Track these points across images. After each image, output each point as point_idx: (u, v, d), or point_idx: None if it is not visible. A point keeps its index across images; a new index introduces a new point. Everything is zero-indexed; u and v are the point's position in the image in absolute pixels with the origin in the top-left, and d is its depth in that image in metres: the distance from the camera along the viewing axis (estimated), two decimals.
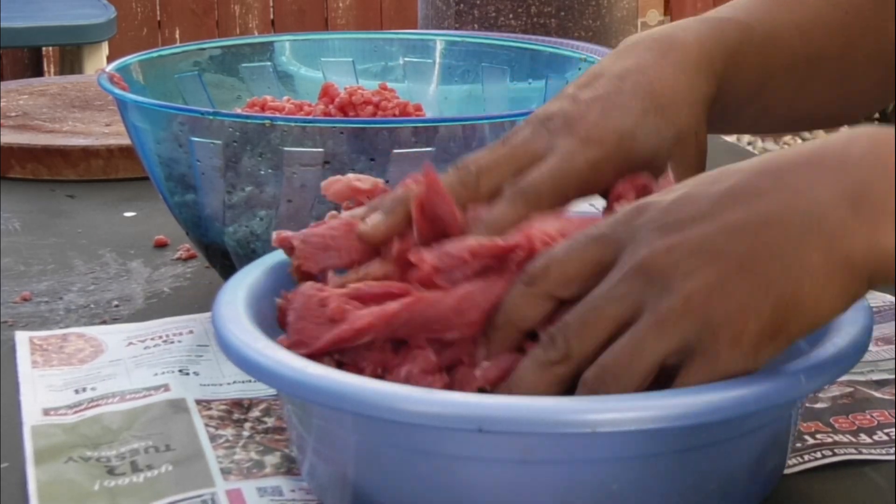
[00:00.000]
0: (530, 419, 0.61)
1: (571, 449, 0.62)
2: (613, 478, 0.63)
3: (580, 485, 0.63)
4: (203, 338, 0.90)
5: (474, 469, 0.63)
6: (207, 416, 0.79)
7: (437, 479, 0.64)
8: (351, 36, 1.19)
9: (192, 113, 0.92)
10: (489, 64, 1.13)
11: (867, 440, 0.76)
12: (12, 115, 1.43)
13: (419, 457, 0.64)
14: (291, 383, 0.65)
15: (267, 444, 0.76)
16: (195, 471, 0.73)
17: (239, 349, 0.67)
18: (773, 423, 0.67)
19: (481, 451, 0.63)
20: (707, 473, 0.65)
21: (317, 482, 0.69)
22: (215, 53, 1.11)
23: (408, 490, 0.65)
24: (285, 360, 0.65)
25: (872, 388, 0.83)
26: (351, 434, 0.65)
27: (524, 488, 0.63)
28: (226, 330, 0.69)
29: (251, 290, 0.74)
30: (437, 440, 0.63)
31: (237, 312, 0.70)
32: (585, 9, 1.72)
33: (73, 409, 0.80)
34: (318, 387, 0.63)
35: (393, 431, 0.64)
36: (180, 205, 0.96)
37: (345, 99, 1.02)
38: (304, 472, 0.71)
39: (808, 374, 0.64)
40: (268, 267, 0.77)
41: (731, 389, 0.62)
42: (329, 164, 0.88)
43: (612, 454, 0.63)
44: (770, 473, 0.69)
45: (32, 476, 0.72)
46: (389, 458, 0.65)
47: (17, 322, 0.95)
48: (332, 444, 0.67)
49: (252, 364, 0.66)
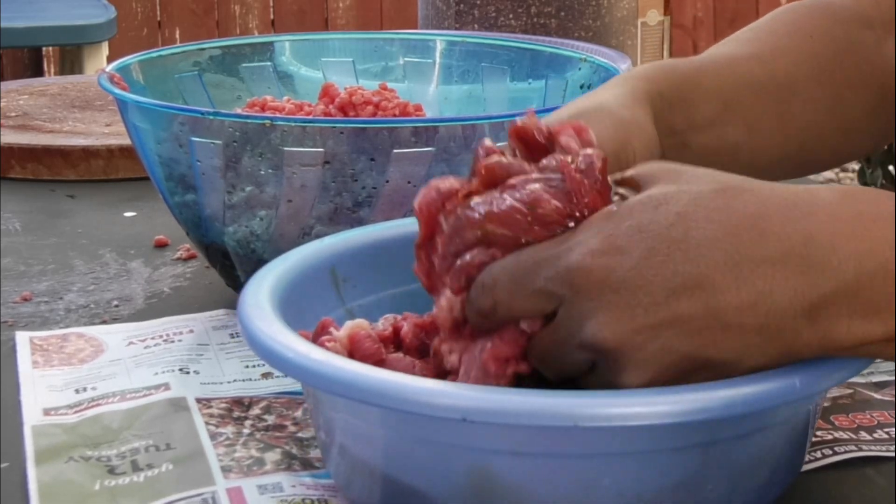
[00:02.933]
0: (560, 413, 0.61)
1: (597, 442, 0.63)
2: (636, 471, 0.64)
3: (605, 478, 0.63)
4: (203, 337, 0.90)
5: (506, 462, 0.64)
6: (208, 415, 0.79)
7: (467, 472, 0.64)
8: (351, 36, 1.19)
9: (193, 113, 0.92)
10: (489, 64, 1.13)
11: (867, 437, 0.76)
12: (12, 115, 1.43)
13: (449, 450, 0.64)
14: (322, 378, 0.64)
15: (267, 441, 0.76)
16: (196, 469, 0.73)
17: (265, 343, 0.67)
18: (790, 419, 0.68)
19: (513, 445, 0.63)
20: (720, 469, 0.65)
21: (343, 477, 0.69)
22: (215, 53, 1.11)
23: (438, 484, 0.65)
24: (313, 354, 0.65)
25: (872, 389, 0.83)
26: (379, 428, 0.66)
27: (555, 483, 0.63)
28: (252, 324, 0.68)
29: (276, 285, 0.74)
30: (468, 434, 0.63)
31: (262, 307, 0.70)
32: (585, 9, 1.72)
33: (74, 408, 0.80)
34: (347, 381, 0.63)
35: (422, 425, 0.64)
36: (180, 205, 0.96)
37: (345, 99, 1.02)
38: (331, 467, 0.70)
39: (826, 369, 0.64)
40: (293, 262, 0.76)
41: (746, 385, 0.62)
42: (329, 163, 0.88)
43: (635, 448, 0.63)
44: (787, 470, 0.69)
45: (33, 476, 0.72)
46: (420, 452, 0.65)
47: (18, 322, 0.95)
48: (360, 437, 0.67)
49: (280, 358, 0.66)
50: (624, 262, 0.61)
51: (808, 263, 0.62)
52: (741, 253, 0.62)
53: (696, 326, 0.61)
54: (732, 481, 0.65)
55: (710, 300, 0.61)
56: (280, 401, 0.81)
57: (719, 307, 0.61)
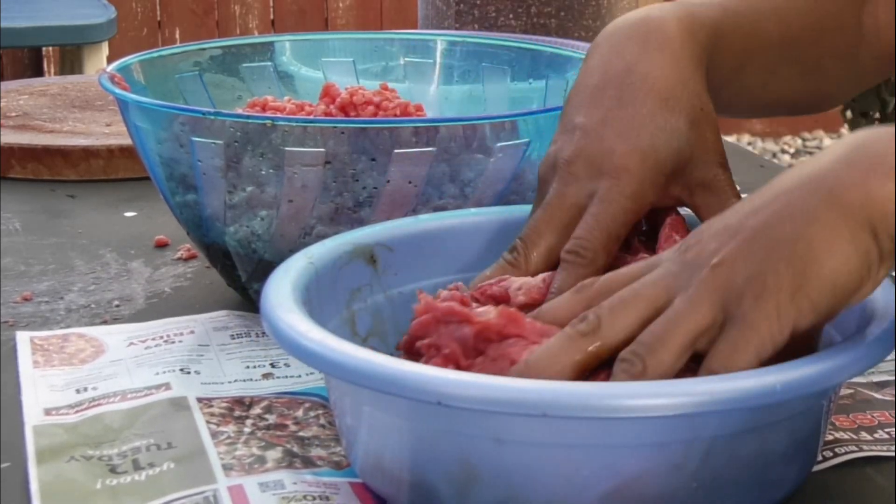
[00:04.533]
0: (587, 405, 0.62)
1: (619, 433, 0.63)
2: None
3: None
4: (204, 337, 0.90)
5: (534, 454, 0.64)
6: (209, 414, 0.79)
7: (495, 464, 0.64)
8: (351, 36, 1.19)
9: (193, 113, 0.92)
10: (490, 64, 1.13)
11: (868, 437, 0.76)
12: (12, 115, 1.43)
13: (478, 442, 0.64)
14: (350, 370, 0.65)
15: (268, 439, 0.76)
16: (197, 468, 0.73)
17: (292, 336, 0.67)
18: (803, 413, 0.68)
19: (543, 436, 0.63)
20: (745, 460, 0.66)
21: (370, 472, 0.70)
22: (216, 53, 1.11)
23: (464, 476, 0.65)
24: (341, 347, 0.66)
25: (873, 389, 0.83)
26: (405, 421, 0.66)
27: (579, 473, 0.64)
28: (277, 317, 0.69)
29: (299, 279, 0.74)
30: (496, 426, 0.63)
31: (287, 300, 0.71)
32: (585, 9, 1.72)
33: (75, 408, 0.80)
34: (375, 372, 0.64)
35: (450, 417, 0.64)
36: (181, 205, 0.96)
37: (346, 99, 1.02)
38: (356, 462, 0.71)
39: (845, 360, 0.65)
40: (314, 257, 0.77)
41: (759, 377, 0.63)
42: (330, 164, 0.88)
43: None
44: (801, 464, 0.70)
45: (34, 476, 0.72)
46: (448, 444, 0.65)
47: (18, 322, 0.95)
48: (388, 431, 0.67)
49: (305, 350, 0.67)
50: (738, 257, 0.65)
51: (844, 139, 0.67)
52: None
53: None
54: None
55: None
56: (281, 401, 0.81)
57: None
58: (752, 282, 0.64)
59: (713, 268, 0.65)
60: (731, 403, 0.62)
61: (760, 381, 0.63)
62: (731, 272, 0.64)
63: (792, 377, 0.63)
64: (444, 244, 0.83)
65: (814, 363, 0.64)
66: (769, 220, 0.65)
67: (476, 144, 0.91)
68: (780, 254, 0.64)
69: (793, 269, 0.64)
